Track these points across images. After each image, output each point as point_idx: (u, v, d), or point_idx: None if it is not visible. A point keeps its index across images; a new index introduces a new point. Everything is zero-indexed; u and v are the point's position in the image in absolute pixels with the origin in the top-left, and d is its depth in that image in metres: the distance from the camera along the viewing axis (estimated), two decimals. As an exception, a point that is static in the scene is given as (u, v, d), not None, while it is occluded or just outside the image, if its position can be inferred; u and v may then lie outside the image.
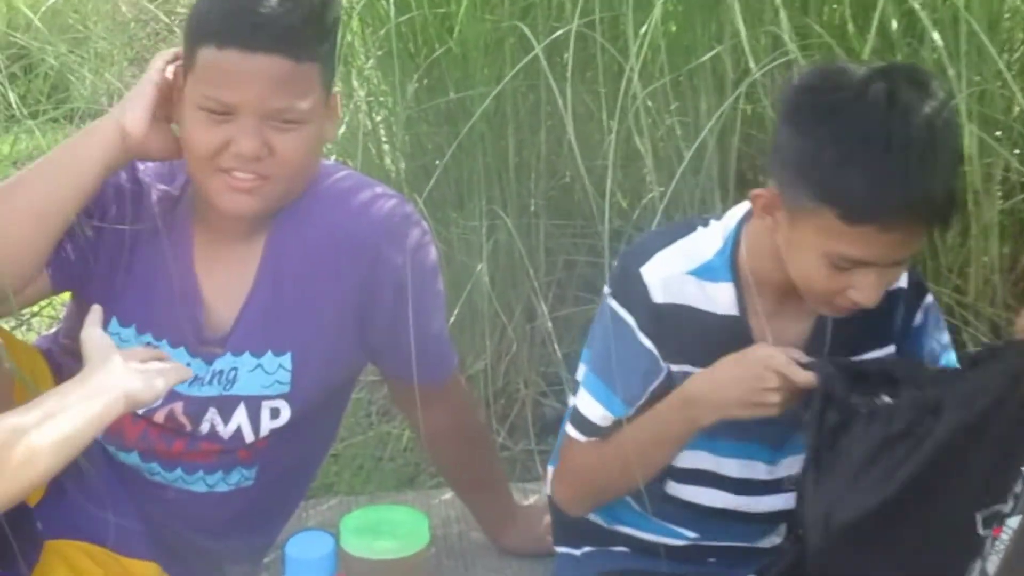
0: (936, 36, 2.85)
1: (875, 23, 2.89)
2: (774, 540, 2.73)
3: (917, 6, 2.87)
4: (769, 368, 2.37)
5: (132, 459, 2.60)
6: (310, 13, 2.51)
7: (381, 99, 3.76)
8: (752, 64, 2.90)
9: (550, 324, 3.36)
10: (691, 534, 2.70)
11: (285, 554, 2.60)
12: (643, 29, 2.91)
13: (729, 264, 2.49)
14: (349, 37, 3.49)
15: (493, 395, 3.45)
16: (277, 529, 2.93)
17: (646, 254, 2.49)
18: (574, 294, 3.54)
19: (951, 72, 2.81)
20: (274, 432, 2.70)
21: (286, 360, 2.66)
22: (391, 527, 2.65)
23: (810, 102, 2.38)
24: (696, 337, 2.50)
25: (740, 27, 2.87)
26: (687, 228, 2.56)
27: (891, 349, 2.60)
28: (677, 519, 2.69)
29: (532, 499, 3.20)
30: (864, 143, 2.28)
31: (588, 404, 2.56)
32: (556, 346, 3.35)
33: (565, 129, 3.20)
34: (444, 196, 3.42)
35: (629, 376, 2.53)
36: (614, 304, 2.51)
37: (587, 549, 2.78)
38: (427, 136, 3.60)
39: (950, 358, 2.67)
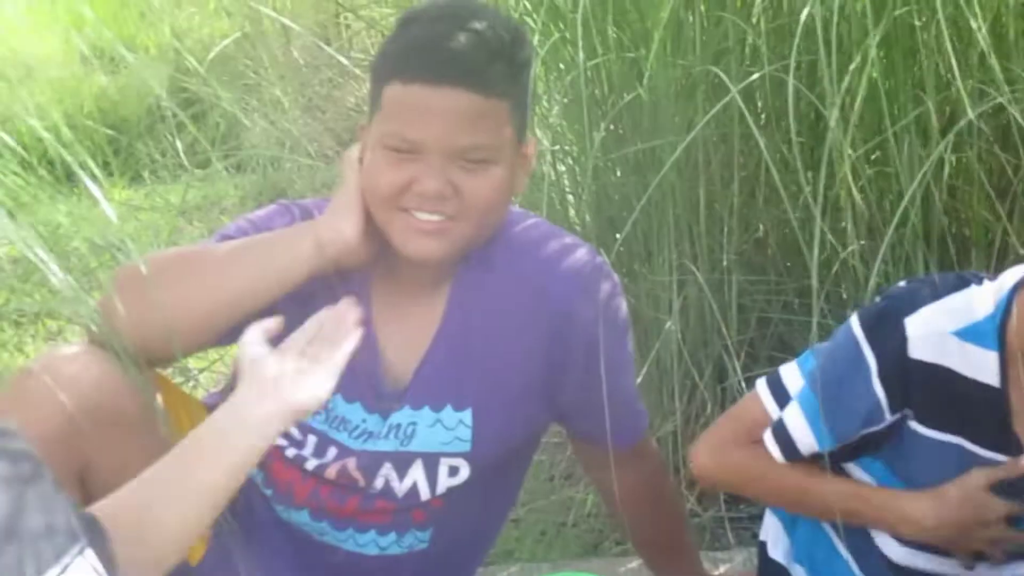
0: None
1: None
2: None
3: None
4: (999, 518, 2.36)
5: (302, 518, 2.53)
6: (499, 48, 2.42)
7: (566, 148, 3.71)
8: (969, 110, 2.81)
9: (743, 384, 3.21)
10: None
11: None
12: (845, 79, 2.86)
13: (997, 331, 2.39)
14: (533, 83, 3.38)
15: (682, 460, 3.29)
16: None
17: (915, 305, 2.42)
18: (767, 354, 3.45)
19: None
20: (451, 491, 2.61)
21: (467, 416, 2.58)
22: None
23: None
24: (947, 399, 2.42)
25: (956, 73, 2.80)
26: (959, 283, 2.46)
27: None
28: None
29: (722, 568, 3.17)
30: None
31: (799, 428, 2.48)
32: None
33: (758, 180, 3.17)
34: (632, 249, 3.39)
35: (850, 416, 2.45)
36: (862, 341, 2.43)
37: None
38: (614, 187, 3.54)
39: None
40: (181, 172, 3.69)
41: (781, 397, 2.55)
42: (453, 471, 2.60)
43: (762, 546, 2.75)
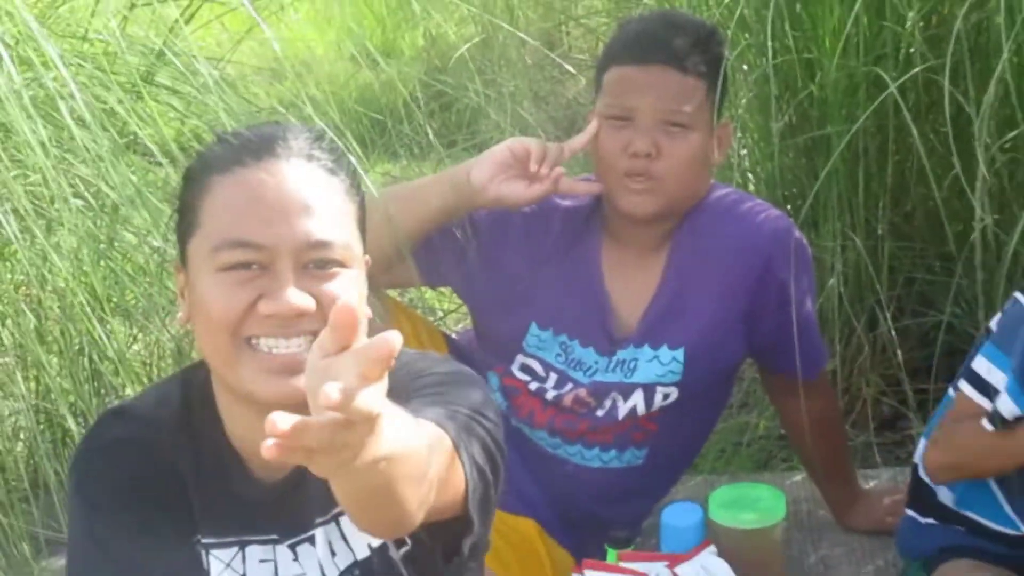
0: None
1: None
2: None
3: None
4: None
5: (540, 436, 2.81)
6: (696, 37, 2.72)
7: (752, 136, 3.86)
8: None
9: (893, 332, 3.40)
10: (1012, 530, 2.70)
11: (662, 521, 2.78)
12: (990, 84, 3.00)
13: None
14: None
15: (840, 393, 3.49)
16: (656, 501, 3.04)
17: None
18: (912, 307, 3.58)
19: None
20: (664, 413, 2.85)
21: (679, 354, 2.81)
22: (752, 502, 2.82)
23: None
24: None
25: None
26: None
27: None
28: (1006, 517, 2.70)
29: (871, 484, 3.26)
30: None
31: (1005, 399, 2.52)
32: (897, 351, 3.39)
33: (908, 164, 3.37)
34: (802, 221, 3.36)
35: None
36: None
37: (930, 520, 2.79)
38: (788, 169, 3.67)
39: None
40: (431, 151, 4.01)
41: (983, 388, 2.58)
42: (666, 397, 2.85)
43: (914, 467, 2.82)
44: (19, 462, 3.20)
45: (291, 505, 1.89)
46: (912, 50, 3.32)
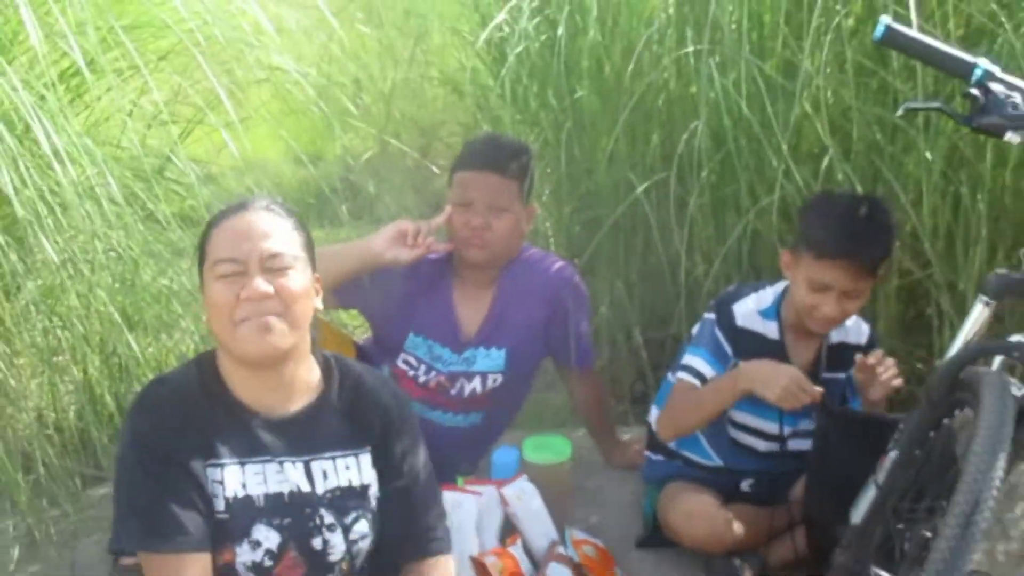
0: None
1: None
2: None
3: None
4: (801, 381, 2.50)
5: (415, 405, 2.63)
6: (513, 152, 2.82)
7: (552, 216, 3.84)
8: None
9: (640, 340, 3.38)
10: (719, 461, 2.82)
11: (492, 459, 2.89)
12: None
13: (776, 310, 2.69)
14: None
15: (609, 379, 3.52)
16: (489, 446, 3.06)
17: (738, 296, 2.72)
18: (654, 325, 3.47)
19: None
20: (494, 391, 2.93)
21: (503, 352, 2.93)
22: (550, 447, 2.92)
23: (813, 202, 2.68)
24: (755, 347, 2.67)
25: None
26: (761, 285, 2.76)
27: (844, 375, 2.73)
28: (722, 452, 2.83)
29: (626, 436, 3.30)
30: (831, 217, 2.54)
31: (699, 364, 2.70)
32: (643, 352, 3.37)
33: (649, 235, 3.29)
34: (583, 269, 3.35)
35: (718, 356, 2.70)
36: (715, 322, 2.70)
37: (660, 457, 2.91)
38: (575, 237, 3.68)
39: None
40: (344, 223, 4.10)
41: (691, 372, 2.72)
42: (495, 381, 2.93)
43: (648, 425, 2.95)
44: (72, 426, 3.21)
45: (286, 436, 1.97)
46: (654, 163, 3.35)
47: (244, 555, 1.90)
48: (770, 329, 2.70)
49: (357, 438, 2.03)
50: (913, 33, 2.18)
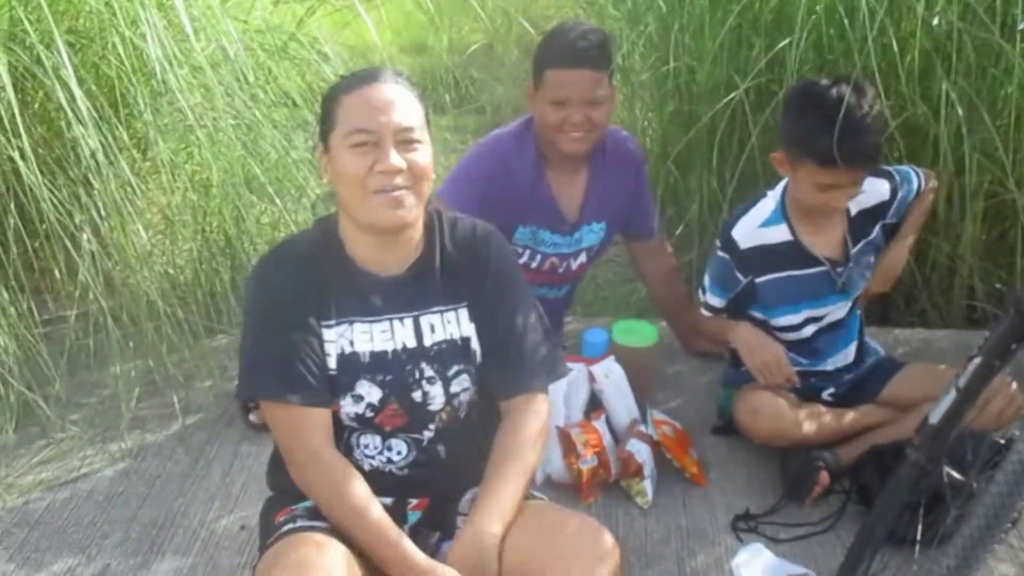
0: None
1: None
2: (847, 358, 2.81)
3: None
4: (780, 360, 2.60)
5: None
6: (601, 46, 2.76)
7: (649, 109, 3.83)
8: None
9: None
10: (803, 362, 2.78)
11: (583, 339, 2.93)
12: None
13: (781, 212, 2.66)
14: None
15: (695, 266, 3.47)
16: (566, 313, 3.23)
17: (734, 222, 2.71)
18: None
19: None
20: (589, 260, 3.03)
21: (603, 225, 2.99)
22: (637, 331, 2.96)
23: (799, 100, 2.59)
24: (771, 257, 2.68)
25: None
26: (759, 197, 2.74)
27: (876, 230, 2.72)
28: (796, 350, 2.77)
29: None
30: (826, 122, 2.45)
31: (712, 298, 2.79)
32: None
33: (720, 137, 3.26)
34: (674, 162, 3.47)
35: (727, 285, 2.74)
36: (718, 249, 2.73)
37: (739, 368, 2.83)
38: (670, 131, 3.60)
39: (910, 184, 2.75)
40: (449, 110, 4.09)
41: (706, 307, 2.82)
42: (594, 251, 3.02)
43: None
44: (189, 281, 3.31)
45: (397, 294, 1.99)
46: (757, 67, 3.24)
47: (348, 407, 1.94)
48: (780, 233, 2.67)
49: (458, 292, 2.02)
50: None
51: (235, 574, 2.41)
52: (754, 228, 2.69)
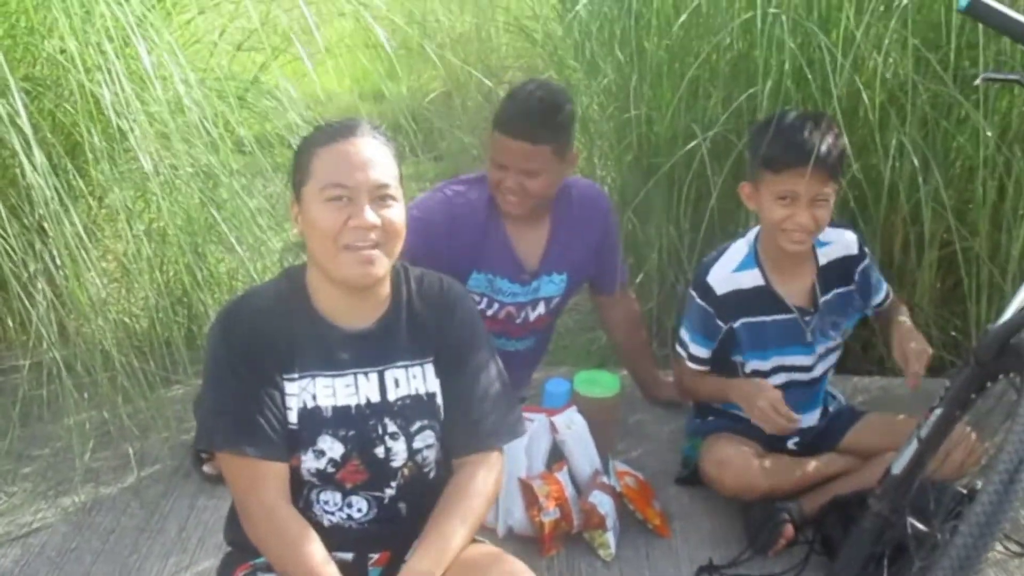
0: None
1: None
2: (811, 420, 2.80)
3: None
4: (776, 403, 2.53)
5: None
6: (552, 119, 2.72)
7: (609, 160, 3.81)
8: None
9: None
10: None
11: (545, 389, 2.90)
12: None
13: (754, 257, 2.67)
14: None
15: (655, 326, 3.50)
16: (531, 374, 3.15)
17: (707, 268, 2.70)
18: None
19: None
20: (549, 313, 2.96)
21: (564, 277, 2.93)
22: (599, 381, 2.94)
23: (759, 126, 2.63)
24: (744, 302, 2.67)
25: None
26: (731, 242, 2.74)
27: (852, 287, 2.72)
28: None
29: (669, 379, 3.14)
30: (778, 129, 2.53)
31: (697, 349, 2.74)
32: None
33: (705, 186, 3.27)
34: (634, 212, 3.46)
35: (709, 334, 2.72)
36: (700, 302, 2.70)
37: (706, 418, 2.88)
38: (628, 182, 3.59)
39: (880, 280, 2.79)
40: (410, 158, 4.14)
41: (684, 350, 2.78)
42: (554, 304, 2.94)
43: None
44: (145, 331, 3.26)
45: (362, 348, 1.97)
46: (716, 117, 3.28)
47: (309, 462, 1.92)
48: (753, 278, 2.68)
49: (424, 347, 2.01)
50: (997, 5, 2.14)
51: (191, 633, 2.33)
52: (728, 273, 2.69)
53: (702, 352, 2.76)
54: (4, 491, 2.84)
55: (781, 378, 2.75)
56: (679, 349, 2.79)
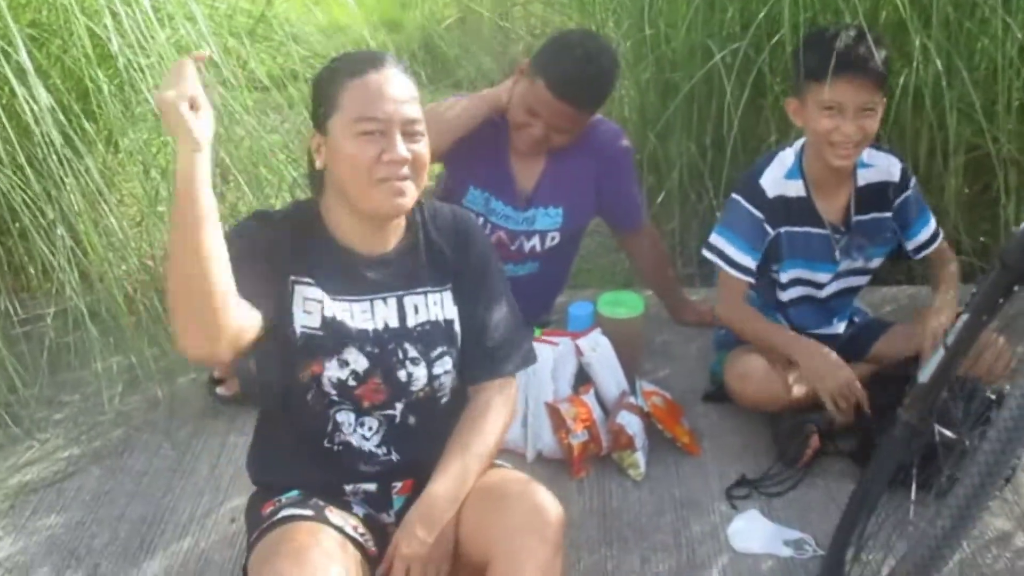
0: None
1: None
2: (838, 329, 2.80)
3: None
4: (853, 384, 2.49)
5: None
6: (597, 89, 2.74)
7: (628, 80, 3.74)
8: None
9: (715, 203, 3.34)
10: (785, 324, 2.77)
11: (569, 312, 2.90)
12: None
13: (798, 169, 2.64)
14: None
15: (678, 242, 3.53)
16: (551, 299, 3.12)
17: (760, 171, 2.66)
18: (724, 190, 3.27)
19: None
20: (550, 248, 2.92)
21: (560, 210, 2.89)
22: (623, 302, 2.93)
23: (805, 40, 2.61)
24: (789, 209, 2.65)
25: None
26: (778, 151, 2.71)
27: (888, 214, 2.70)
28: (786, 313, 2.80)
29: (694, 298, 3.29)
30: (825, 39, 2.49)
31: (742, 257, 2.66)
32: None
33: (724, 105, 3.26)
34: (656, 134, 3.42)
35: (755, 243, 2.66)
36: (744, 203, 2.65)
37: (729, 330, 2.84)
38: (649, 101, 3.58)
39: (926, 218, 2.75)
40: (423, 87, 4.07)
41: (726, 260, 2.69)
42: (552, 238, 2.88)
43: None
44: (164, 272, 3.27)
45: (382, 273, 1.97)
46: (733, 31, 3.27)
47: (332, 371, 1.91)
48: (798, 188, 2.66)
49: (443, 274, 2.02)
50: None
51: (227, 567, 2.38)
52: (780, 178, 2.66)
53: (749, 261, 2.68)
54: (37, 438, 2.87)
55: (797, 291, 2.75)
56: (717, 260, 2.70)
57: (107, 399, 2.92)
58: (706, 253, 2.73)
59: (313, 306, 1.92)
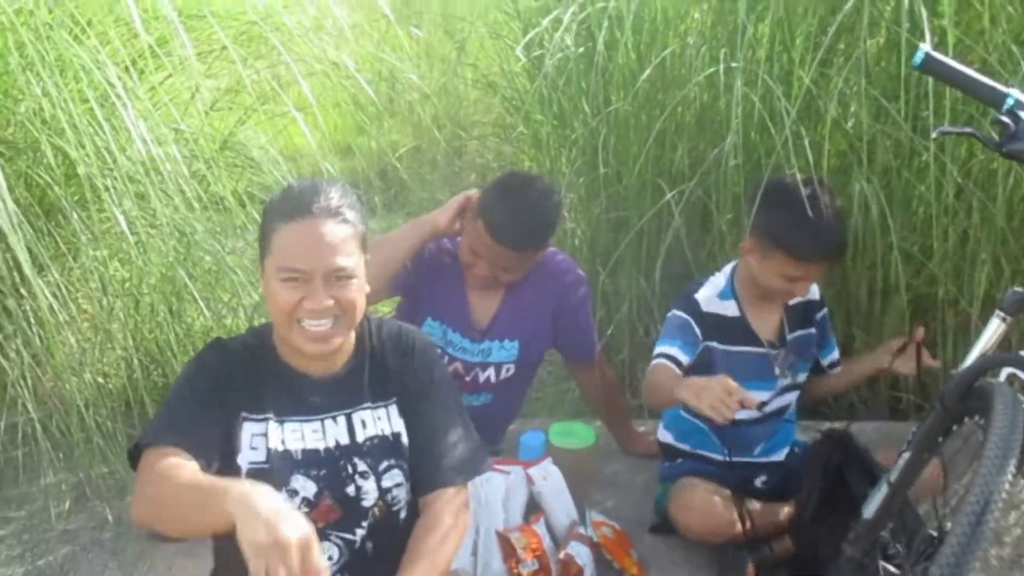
0: None
1: None
2: (779, 457, 2.85)
3: None
4: (728, 387, 2.43)
5: None
6: (537, 234, 2.78)
7: (580, 215, 3.83)
8: None
9: None
10: (726, 453, 2.82)
11: (521, 441, 2.90)
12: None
13: (731, 291, 2.74)
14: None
15: (627, 375, 3.57)
16: (506, 428, 3.11)
17: (695, 289, 2.76)
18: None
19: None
20: (506, 379, 2.94)
21: (515, 344, 2.92)
22: (574, 433, 2.95)
23: (773, 196, 2.66)
24: (723, 329, 2.74)
25: None
26: (709, 275, 2.81)
27: (813, 330, 2.85)
28: (715, 446, 2.83)
29: (641, 428, 3.30)
30: (803, 219, 2.55)
31: (676, 352, 2.65)
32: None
33: (677, 242, 3.34)
34: (608, 269, 3.43)
35: (687, 341, 2.69)
36: (679, 313, 2.73)
37: (674, 461, 2.93)
38: (601, 236, 3.61)
39: (834, 342, 2.94)
40: (376, 212, 4.07)
41: (659, 356, 2.69)
42: (507, 370, 2.91)
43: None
44: (120, 390, 3.24)
45: (330, 394, 2.03)
46: (681, 169, 3.34)
47: None
48: (729, 308, 2.76)
49: (387, 389, 2.07)
50: (950, 61, 2.22)
51: None
52: (713, 296, 2.76)
53: (681, 356, 2.68)
54: (-21, 554, 2.82)
55: (742, 413, 2.76)
56: (654, 359, 2.70)
57: (54, 516, 2.88)
58: (660, 360, 2.72)
59: (259, 441, 1.97)
